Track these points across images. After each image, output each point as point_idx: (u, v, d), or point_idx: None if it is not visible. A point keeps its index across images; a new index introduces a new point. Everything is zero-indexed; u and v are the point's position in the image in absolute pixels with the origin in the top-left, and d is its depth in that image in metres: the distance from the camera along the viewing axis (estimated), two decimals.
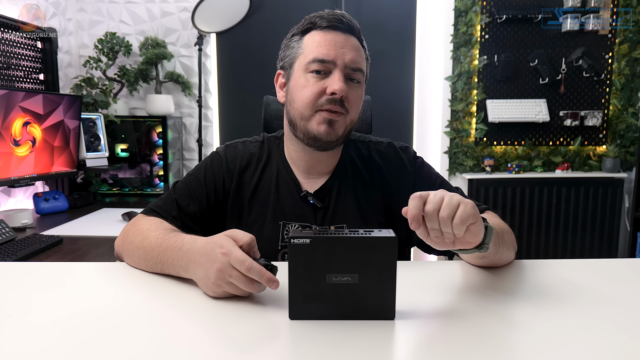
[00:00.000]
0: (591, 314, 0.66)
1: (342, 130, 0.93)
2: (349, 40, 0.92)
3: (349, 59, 0.90)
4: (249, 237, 0.70)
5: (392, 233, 0.62)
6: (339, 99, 0.89)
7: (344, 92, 0.88)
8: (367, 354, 0.55)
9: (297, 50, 0.95)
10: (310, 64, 0.90)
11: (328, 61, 0.89)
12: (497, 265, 0.86)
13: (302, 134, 0.93)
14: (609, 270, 0.86)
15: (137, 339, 0.58)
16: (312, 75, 0.91)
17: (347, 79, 0.91)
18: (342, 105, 0.90)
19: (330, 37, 0.91)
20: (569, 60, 2.70)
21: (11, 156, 1.85)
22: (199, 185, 0.99)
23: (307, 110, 0.91)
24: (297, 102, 0.93)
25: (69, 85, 2.57)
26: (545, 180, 2.73)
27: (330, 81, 0.89)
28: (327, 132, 0.90)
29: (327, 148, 0.95)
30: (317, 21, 0.93)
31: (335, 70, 0.90)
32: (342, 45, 0.91)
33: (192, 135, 2.86)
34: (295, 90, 0.93)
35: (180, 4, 2.73)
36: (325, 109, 0.90)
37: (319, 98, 0.90)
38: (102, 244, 1.57)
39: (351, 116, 0.93)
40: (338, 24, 0.92)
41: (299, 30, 0.96)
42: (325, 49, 0.90)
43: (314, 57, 0.90)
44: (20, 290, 0.76)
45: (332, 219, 0.98)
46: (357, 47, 0.93)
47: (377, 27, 2.74)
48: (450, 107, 2.77)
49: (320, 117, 0.90)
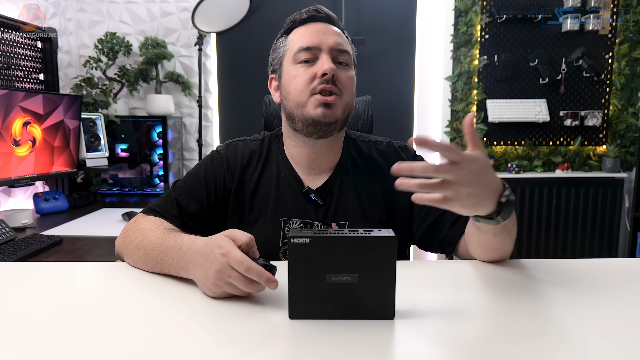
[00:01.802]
0: (591, 314, 0.66)
1: (340, 112, 0.94)
2: (329, 27, 0.97)
3: (333, 41, 0.94)
4: (248, 237, 0.70)
5: (392, 233, 0.62)
6: (331, 79, 0.91)
7: (333, 70, 0.91)
8: (366, 353, 0.55)
9: (283, 49, 0.99)
10: (297, 54, 0.94)
11: (313, 47, 0.94)
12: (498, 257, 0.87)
13: (301, 122, 0.94)
14: (609, 270, 0.86)
15: (137, 339, 0.58)
16: (302, 65, 0.94)
17: (336, 62, 0.94)
18: (334, 85, 0.92)
19: (311, 27, 0.96)
20: (569, 60, 2.70)
21: (11, 156, 1.85)
22: (200, 184, 1.00)
23: (302, 96, 0.93)
24: (291, 93, 0.95)
25: (69, 85, 2.57)
26: (545, 180, 2.73)
27: (319, 64, 0.93)
28: (324, 114, 0.92)
29: (327, 133, 0.95)
30: (297, 17, 0.99)
31: (322, 54, 0.93)
32: (323, 32, 0.95)
33: (192, 135, 2.86)
34: (287, 84, 0.96)
35: (180, 4, 2.73)
36: (319, 92, 0.92)
37: (311, 83, 0.93)
38: (102, 244, 1.57)
39: (346, 98, 0.95)
40: (316, 14, 0.98)
41: (282, 32, 1.02)
42: (308, 37, 0.95)
43: (299, 46, 0.94)
44: (21, 290, 0.76)
45: (334, 217, 0.98)
46: (338, 32, 0.98)
47: (377, 27, 2.74)
48: (450, 107, 2.77)
49: (315, 100, 0.92)
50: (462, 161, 0.64)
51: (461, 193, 0.65)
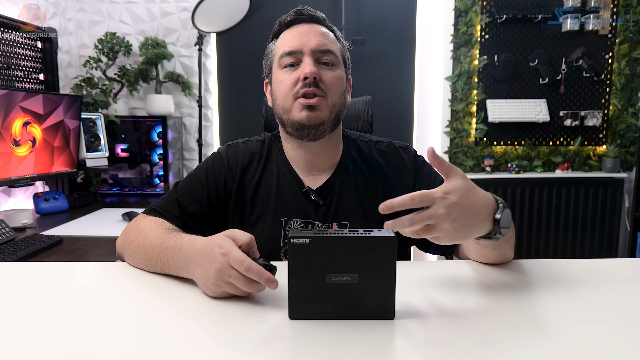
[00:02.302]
0: (591, 314, 0.66)
1: (326, 114, 0.94)
2: (313, 28, 0.96)
3: (315, 43, 0.94)
4: (248, 236, 0.70)
5: (392, 233, 0.62)
6: (314, 82, 0.91)
7: (314, 74, 0.91)
8: (367, 353, 0.55)
9: (272, 54, 1.00)
10: (282, 59, 0.95)
11: (295, 51, 0.94)
12: (497, 262, 0.87)
13: (290, 127, 0.95)
14: (609, 270, 0.86)
15: (137, 339, 0.58)
16: (286, 70, 0.95)
17: (320, 63, 0.94)
18: (317, 87, 0.92)
19: (294, 30, 0.96)
20: (569, 60, 2.70)
21: (11, 156, 1.85)
22: (200, 185, 1.00)
23: (286, 101, 0.94)
24: (278, 98, 0.96)
25: (69, 85, 2.57)
26: (545, 180, 2.73)
27: (301, 68, 0.93)
28: (308, 117, 0.92)
29: (317, 136, 0.95)
30: (282, 20, 0.99)
31: (304, 58, 0.93)
32: (306, 34, 0.95)
33: (192, 135, 2.86)
34: (275, 89, 0.97)
35: (180, 4, 2.73)
36: (302, 95, 0.92)
37: (294, 87, 0.93)
38: (102, 244, 1.57)
39: (332, 99, 0.94)
40: (299, 16, 0.97)
41: (272, 36, 1.02)
42: (291, 42, 0.95)
43: (282, 51, 0.95)
44: (21, 290, 0.76)
45: (335, 216, 0.98)
46: (323, 32, 0.97)
47: (377, 27, 2.74)
48: (450, 107, 2.77)
49: (298, 104, 0.92)
50: (434, 202, 0.65)
51: (447, 230, 0.65)
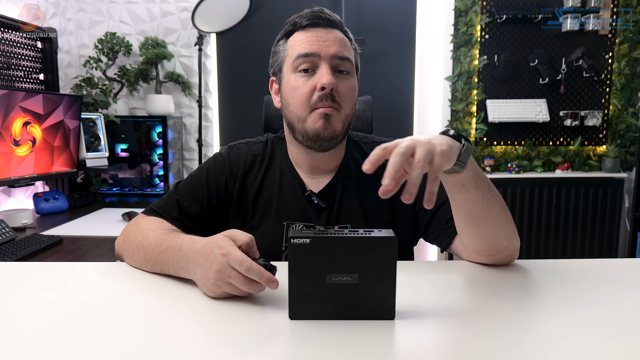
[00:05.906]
0: (591, 314, 0.66)
1: (340, 126, 0.93)
2: (331, 33, 0.93)
3: (333, 50, 0.91)
4: (248, 237, 0.70)
5: (392, 233, 0.62)
6: (330, 94, 0.90)
7: (333, 84, 0.89)
8: (367, 354, 0.55)
9: (283, 54, 0.96)
10: (296, 61, 0.92)
11: (312, 54, 0.91)
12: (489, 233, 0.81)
13: (301, 135, 0.94)
14: (609, 270, 0.86)
15: (136, 339, 0.58)
16: (301, 75, 0.92)
17: (336, 70, 0.92)
18: (333, 101, 0.90)
19: (311, 34, 0.93)
20: (569, 60, 2.70)
21: (11, 156, 1.85)
22: (201, 187, 0.99)
23: (302, 111, 0.92)
24: (291, 104, 0.94)
25: (69, 85, 2.57)
26: (545, 180, 2.73)
27: (318, 76, 0.90)
28: (324, 126, 0.90)
29: (327, 148, 0.95)
30: (298, 21, 0.95)
31: (322, 64, 0.91)
32: (324, 39, 0.92)
33: (192, 135, 2.86)
34: (287, 93, 0.94)
35: (180, 4, 2.73)
36: (319, 107, 0.90)
37: (311, 96, 0.91)
38: (102, 244, 1.57)
39: (345, 111, 0.93)
40: (318, 20, 0.94)
41: (282, 35, 0.99)
42: (307, 44, 0.92)
43: (298, 53, 0.92)
44: (21, 290, 0.76)
45: (336, 219, 0.98)
46: (341, 38, 0.94)
47: (377, 27, 2.74)
48: (450, 107, 2.77)
49: (315, 114, 0.91)
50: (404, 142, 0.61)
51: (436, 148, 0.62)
